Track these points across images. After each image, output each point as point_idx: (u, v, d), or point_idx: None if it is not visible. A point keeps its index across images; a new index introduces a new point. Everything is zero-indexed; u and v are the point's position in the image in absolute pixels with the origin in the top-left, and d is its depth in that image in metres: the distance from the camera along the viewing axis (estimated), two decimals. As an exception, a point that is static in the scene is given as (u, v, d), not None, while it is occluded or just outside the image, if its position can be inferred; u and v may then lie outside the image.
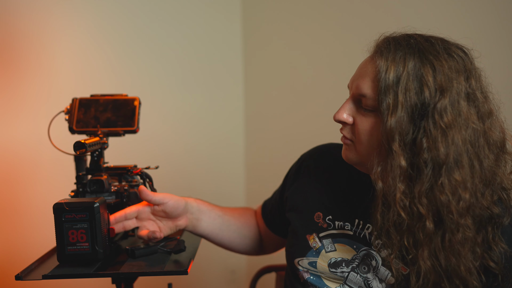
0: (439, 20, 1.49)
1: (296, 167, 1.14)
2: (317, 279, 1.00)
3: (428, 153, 0.81)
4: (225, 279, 2.30)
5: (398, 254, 0.87)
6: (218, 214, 1.15)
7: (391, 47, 0.86)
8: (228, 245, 1.21)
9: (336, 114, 0.91)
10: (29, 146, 1.66)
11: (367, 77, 0.88)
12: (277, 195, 1.19)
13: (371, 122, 0.87)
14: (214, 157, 2.19)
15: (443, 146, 0.80)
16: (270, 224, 1.20)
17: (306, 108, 2.01)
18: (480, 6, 1.41)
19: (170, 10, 2.04)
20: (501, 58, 1.35)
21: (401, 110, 0.81)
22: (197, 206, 1.11)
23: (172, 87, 2.06)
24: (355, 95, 0.90)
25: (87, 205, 0.92)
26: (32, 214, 1.68)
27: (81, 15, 1.78)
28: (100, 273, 0.94)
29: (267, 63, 2.21)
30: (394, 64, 0.83)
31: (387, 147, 0.83)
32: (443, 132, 0.80)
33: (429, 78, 0.82)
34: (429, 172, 0.81)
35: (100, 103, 1.17)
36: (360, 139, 0.89)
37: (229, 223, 1.17)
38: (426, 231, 0.82)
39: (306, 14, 1.99)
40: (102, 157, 1.12)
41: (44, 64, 1.70)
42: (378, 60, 0.86)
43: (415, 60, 0.83)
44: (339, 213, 1.00)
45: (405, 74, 0.82)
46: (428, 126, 0.81)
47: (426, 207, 0.82)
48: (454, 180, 0.80)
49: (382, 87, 0.83)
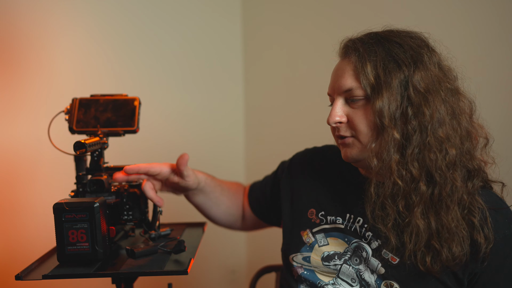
0: (438, 20, 1.49)
1: (289, 165, 1.20)
2: (311, 273, 1.03)
3: (415, 119, 0.88)
4: (225, 279, 2.30)
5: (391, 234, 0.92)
6: (216, 195, 1.23)
7: (357, 44, 0.94)
8: (213, 218, 1.28)
9: (330, 118, 0.96)
10: (29, 146, 1.66)
11: (345, 74, 0.95)
12: (267, 186, 1.25)
13: (363, 110, 0.92)
14: (214, 157, 2.19)
15: (427, 109, 0.88)
16: (254, 208, 1.28)
17: (306, 108, 2.01)
18: (480, 6, 1.41)
19: (170, 10, 2.04)
20: (501, 58, 1.36)
21: (386, 90, 0.89)
22: (203, 187, 1.19)
23: (172, 87, 2.06)
24: (341, 93, 0.95)
25: (87, 205, 0.92)
26: (32, 214, 1.68)
27: (81, 15, 1.78)
28: (100, 273, 0.94)
29: (267, 64, 2.21)
30: (367, 53, 0.92)
31: (380, 125, 0.90)
32: (424, 97, 0.88)
33: (401, 55, 0.90)
34: (417, 136, 0.88)
35: (100, 103, 1.17)
36: (360, 129, 0.93)
37: (222, 202, 1.25)
38: (420, 192, 0.88)
39: (306, 15, 1.99)
40: (102, 157, 1.12)
41: (44, 64, 1.70)
42: (349, 58, 0.95)
43: (383, 45, 0.92)
44: (331, 209, 1.05)
45: (379, 58, 0.91)
46: (410, 95, 0.89)
47: (419, 170, 0.88)
48: (439, 137, 0.88)
49: (363, 76, 0.91)
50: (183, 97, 2.09)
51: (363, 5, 1.75)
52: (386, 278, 0.94)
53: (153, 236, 1.12)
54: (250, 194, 1.29)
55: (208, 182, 1.19)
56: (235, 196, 1.29)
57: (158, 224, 1.14)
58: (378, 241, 0.96)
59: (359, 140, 0.94)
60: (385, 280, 0.94)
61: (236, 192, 1.30)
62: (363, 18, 1.73)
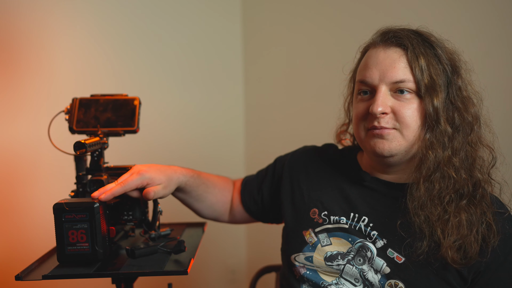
0: (438, 20, 1.49)
1: (289, 163, 1.18)
2: (313, 273, 1.02)
3: (459, 120, 0.93)
4: (225, 279, 2.30)
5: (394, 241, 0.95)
6: (198, 193, 1.17)
7: (409, 37, 0.95)
8: (196, 212, 1.24)
9: (375, 106, 0.93)
10: (29, 146, 1.66)
11: (397, 64, 0.94)
12: (264, 184, 1.23)
13: (414, 104, 0.93)
14: (214, 157, 2.19)
15: (470, 110, 0.94)
16: (249, 207, 1.25)
17: (306, 106, 2.01)
18: (480, 6, 1.41)
19: (171, 10, 2.04)
20: (501, 58, 1.36)
21: (440, 90, 0.92)
22: (183, 187, 1.13)
23: (172, 87, 2.06)
24: (388, 83, 0.94)
25: (87, 205, 0.92)
26: (32, 214, 1.68)
27: (81, 15, 1.78)
28: (100, 273, 0.94)
29: (267, 63, 2.21)
30: (419, 50, 0.93)
31: (434, 123, 0.93)
32: (466, 100, 0.94)
33: (443, 58, 0.95)
34: (461, 136, 0.93)
35: (100, 103, 1.17)
36: (407, 123, 0.93)
37: (205, 199, 1.20)
38: (468, 186, 0.93)
39: (305, 14, 1.99)
40: (102, 157, 1.12)
41: (44, 64, 1.70)
42: (400, 49, 0.94)
43: (429, 44, 0.95)
44: (335, 209, 1.04)
45: (429, 58, 0.93)
46: (454, 100, 0.94)
47: (465, 165, 0.94)
48: (480, 138, 0.96)
49: (418, 71, 0.92)
50: (183, 96, 2.09)
51: (363, 5, 1.75)
52: (391, 277, 0.94)
53: (153, 236, 1.12)
54: (244, 192, 1.25)
55: (190, 182, 1.14)
56: (221, 193, 1.24)
57: (158, 224, 1.14)
58: (384, 240, 0.96)
59: (402, 133, 0.94)
60: (390, 280, 0.94)
61: (222, 188, 1.25)
62: (363, 18, 1.73)
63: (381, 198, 1.01)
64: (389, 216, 0.97)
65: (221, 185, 1.25)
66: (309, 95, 1.99)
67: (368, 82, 0.96)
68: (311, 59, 1.98)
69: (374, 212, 1.00)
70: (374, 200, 1.01)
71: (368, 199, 1.02)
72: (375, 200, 1.01)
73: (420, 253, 0.91)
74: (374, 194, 1.02)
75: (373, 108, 0.93)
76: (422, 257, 0.91)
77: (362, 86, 0.98)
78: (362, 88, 0.98)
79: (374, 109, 0.92)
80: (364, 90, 0.98)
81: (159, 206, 1.11)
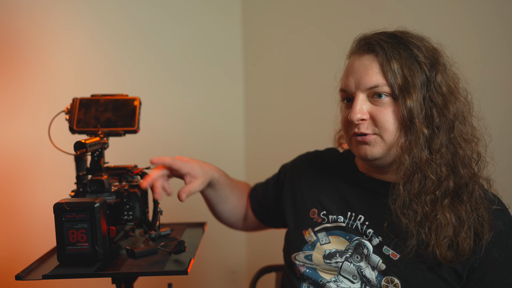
0: (438, 20, 1.49)
1: (291, 167, 1.22)
2: (313, 271, 1.04)
3: (439, 117, 0.92)
4: (225, 279, 2.30)
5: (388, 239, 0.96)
6: (225, 193, 1.23)
7: (381, 42, 0.95)
8: (218, 215, 1.29)
9: (353, 115, 0.95)
10: (29, 146, 1.66)
11: (370, 70, 0.95)
12: (269, 189, 1.26)
13: (390, 108, 0.94)
14: (214, 157, 2.18)
15: (450, 107, 0.93)
16: (256, 211, 1.29)
17: (306, 107, 2.01)
18: (480, 6, 1.41)
19: (171, 10, 2.04)
20: (501, 58, 1.36)
21: (414, 91, 0.92)
22: (215, 184, 1.19)
23: (172, 87, 2.06)
24: (364, 90, 0.95)
25: (87, 205, 0.92)
26: (32, 214, 1.68)
27: (81, 15, 1.78)
28: (100, 273, 0.94)
29: (267, 64, 2.21)
30: (391, 53, 0.94)
31: (409, 123, 0.92)
32: (446, 98, 0.93)
33: (421, 56, 0.94)
34: (443, 133, 0.93)
35: (101, 103, 1.17)
36: (385, 127, 0.94)
37: (230, 201, 1.25)
38: (449, 185, 0.92)
39: (305, 15, 1.99)
40: (103, 157, 1.12)
41: (44, 64, 1.70)
42: (373, 55, 0.95)
43: (404, 45, 0.95)
44: (333, 208, 1.06)
45: (403, 59, 0.93)
46: (433, 96, 0.93)
47: (446, 164, 0.93)
48: (463, 133, 0.94)
49: (390, 74, 0.93)
50: (183, 97, 2.09)
51: (362, 6, 1.75)
52: (387, 274, 0.95)
53: (153, 236, 1.12)
54: (252, 196, 1.30)
55: (220, 180, 1.20)
56: (242, 196, 1.30)
57: (158, 224, 1.14)
58: (379, 237, 0.98)
59: (383, 137, 0.95)
60: (386, 276, 0.96)
61: (243, 192, 1.31)
62: (362, 19, 1.73)
63: (376, 197, 1.02)
64: (383, 214, 0.99)
65: (243, 189, 1.31)
66: (308, 96, 1.99)
67: (347, 90, 0.99)
68: (311, 60, 1.98)
69: (369, 210, 1.02)
70: (369, 199, 1.03)
71: (363, 198, 1.04)
72: (370, 199, 1.03)
73: (410, 251, 0.92)
74: (369, 193, 1.04)
75: (351, 116, 0.95)
76: (412, 255, 0.93)
77: (343, 94, 1.01)
78: (344, 96, 1.01)
79: (351, 117, 0.95)
80: (346, 97, 1.01)
81: (159, 206, 1.11)
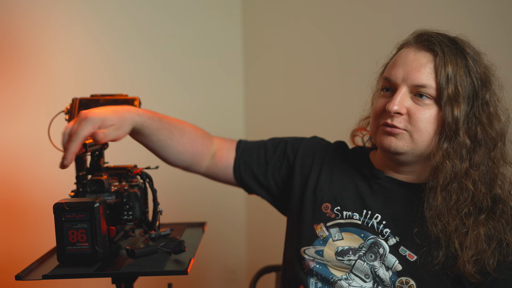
0: (438, 19, 1.49)
1: (303, 151, 1.15)
2: (323, 267, 1.02)
3: (482, 134, 0.92)
4: (225, 279, 2.30)
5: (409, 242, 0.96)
6: (160, 138, 1.08)
7: (442, 43, 0.94)
8: (163, 159, 1.15)
9: (391, 105, 0.94)
10: (29, 146, 1.66)
11: (423, 69, 0.93)
12: (264, 162, 1.17)
13: (431, 111, 0.93)
14: (214, 157, 2.19)
15: (496, 125, 0.93)
16: (237, 174, 1.19)
17: (306, 107, 2.01)
18: (480, 6, 1.41)
19: (171, 10, 2.04)
20: (501, 58, 1.35)
21: (462, 101, 0.91)
22: (140, 129, 1.03)
23: (172, 87, 2.06)
24: (410, 85, 0.94)
25: (87, 205, 0.92)
26: (32, 214, 1.68)
27: (81, 15, 1.78)
28: (100, 273, 0.94)
29: (267, 64, 2.21)
30: (449, 58, 0.92)
31: (452, 133, 0.92)
32: (489, 118, 0.93)
33: (475, 71, 0.94)
34: (484, 150, 0.93)
35: (100, 103, 1.17)
36: (418, 127, 0.93)
37: (170, 146, 1.11)
38: (486, 200, 0.92)
39: (305, 15, 1.99)
40: (102, 157, 1.12)
41: (44, 64, 1.70)
42: (430, 54, 0.94)
43: (462, 54, 0.94)
44: (348, 204, 1.04)
45: (459, 68, 0.92)
46: (478, 114, 0.93)
47: (485, 178, 0.93)
48: (503, 154, 0.95)
49: (443, 79, 0.91)
50: (183, 97, 2.09)
51: (362, 6, 1.75)
52: (403, 275, 0.95)
53: (153, 236, 1.12)
54: (239, 161, 1.20)
55: (147, 124, 1.03)
56: (190, 143, 1.15)
57: (158, 224, 1.14)
58: (396, 238, 0.97)
59: (412, 136, 0.94)
60: (401, 277, 0.95)
61: (193, 139, 1.16)
62: (363, 19, 1.73)
63: (394, 197, 1.01)
64: (402, 214, 0.98)
65: (192, 135, 1.16)
66: (308, 95, 1.99)
67: (391, 79, 0.97)
68: (311, 60, 1.98)
69: (387, 210, 1.01)
70: (388, 198, 1.02)
71: (381, 197, 1.02)
72: (388, 198, 1.02)
73: (437, 263, 0.92)
74: (388, 193, 1.02)
75: (389, 106, 0.94)
76: (438, 267, 0.92)
77: (386, 83, 0.99)
78: (385, 85, 0.99)
79: (389, 107, 0.94)
80: (386, 87, 0.99)
81: (159, 206, 1.11)
